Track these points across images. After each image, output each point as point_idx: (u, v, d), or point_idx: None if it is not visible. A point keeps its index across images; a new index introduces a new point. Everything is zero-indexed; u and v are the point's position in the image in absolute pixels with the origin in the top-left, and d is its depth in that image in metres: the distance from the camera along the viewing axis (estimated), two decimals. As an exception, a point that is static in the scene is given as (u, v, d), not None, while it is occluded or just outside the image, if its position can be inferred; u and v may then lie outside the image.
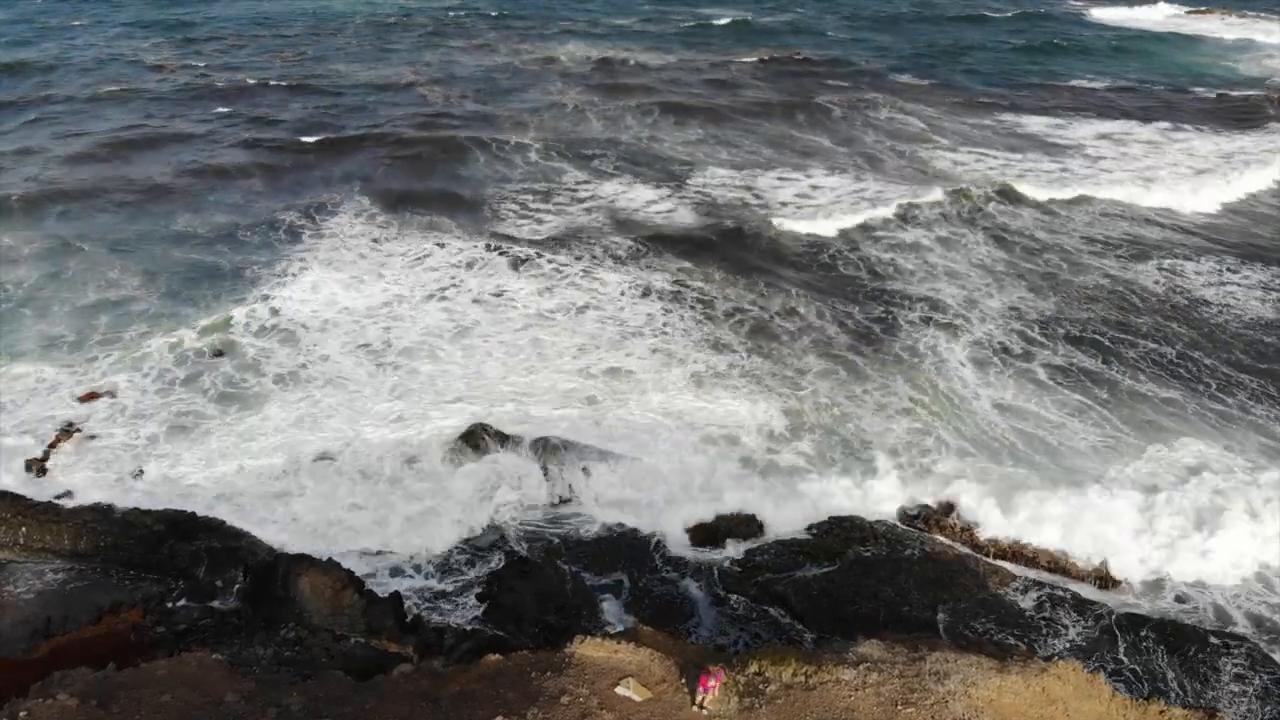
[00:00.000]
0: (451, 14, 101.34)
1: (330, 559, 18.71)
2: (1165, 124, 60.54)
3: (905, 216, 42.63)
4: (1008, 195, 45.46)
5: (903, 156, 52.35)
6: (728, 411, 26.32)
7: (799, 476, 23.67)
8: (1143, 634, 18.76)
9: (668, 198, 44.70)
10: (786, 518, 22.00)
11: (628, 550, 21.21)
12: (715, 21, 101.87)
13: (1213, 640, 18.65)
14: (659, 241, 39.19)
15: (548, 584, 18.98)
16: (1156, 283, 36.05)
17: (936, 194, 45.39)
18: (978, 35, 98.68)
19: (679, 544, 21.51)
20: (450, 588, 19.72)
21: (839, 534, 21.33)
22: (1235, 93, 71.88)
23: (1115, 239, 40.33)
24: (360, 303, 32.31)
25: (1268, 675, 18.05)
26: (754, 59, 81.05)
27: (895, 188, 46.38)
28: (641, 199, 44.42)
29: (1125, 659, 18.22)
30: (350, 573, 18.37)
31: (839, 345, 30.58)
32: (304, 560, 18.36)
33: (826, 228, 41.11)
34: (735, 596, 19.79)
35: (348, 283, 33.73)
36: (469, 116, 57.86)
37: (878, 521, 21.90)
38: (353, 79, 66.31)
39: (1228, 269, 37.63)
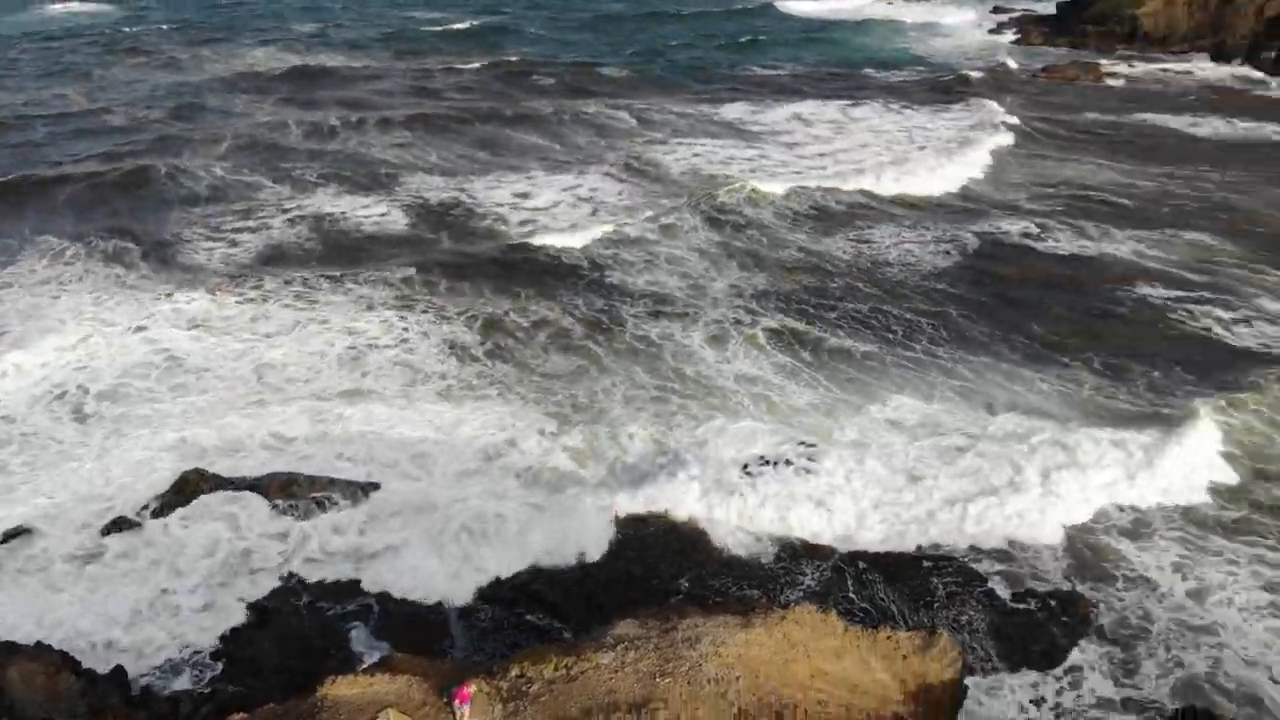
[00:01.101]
0: (127, 30, 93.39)
1: (39, 642, 16.88)
2: (848, 103, 65.96)
3: (624, 209, 43.95)
4: (717, 181, 47.94)
5: (616, 150, 53.88)
6: (484, 423, 26.01)
7: (565, 479, 23.66)
8: (863, 569, 20.50)
9: (379, 204, 43.66)
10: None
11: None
12: (423, 27, 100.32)
13: (925, 564, 20.70)
14: (375, 251, 38.22)
15: (288, 627, 18.02)
16: (844, 250, 39.28)
17: (651, 186, 47.14)
18: (679, 31, 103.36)
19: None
20: (182, 652, 18.23)
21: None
22: (921, 73, 79.80)
23: (805, 213, 43.55)
24: (46, 355, 29.16)
25: (977, 588, 20.22)
26: (463, 63, 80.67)
27: (612, 183, 47.70)
28: (352, 208, 43.13)
29: (854, 595, 19.82)
30: (63, 654, 16.64)
31: (577, 339, 31.04)
32: (7, 649, 16.50)
33: (547, 225, 41.60)
34: (488, 606, 19.62)
35: (27, 335, 30.37)
36: (156, 139, 53.66)
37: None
38: (22, 109, 59.65)
39: (905, 229, 41.65)
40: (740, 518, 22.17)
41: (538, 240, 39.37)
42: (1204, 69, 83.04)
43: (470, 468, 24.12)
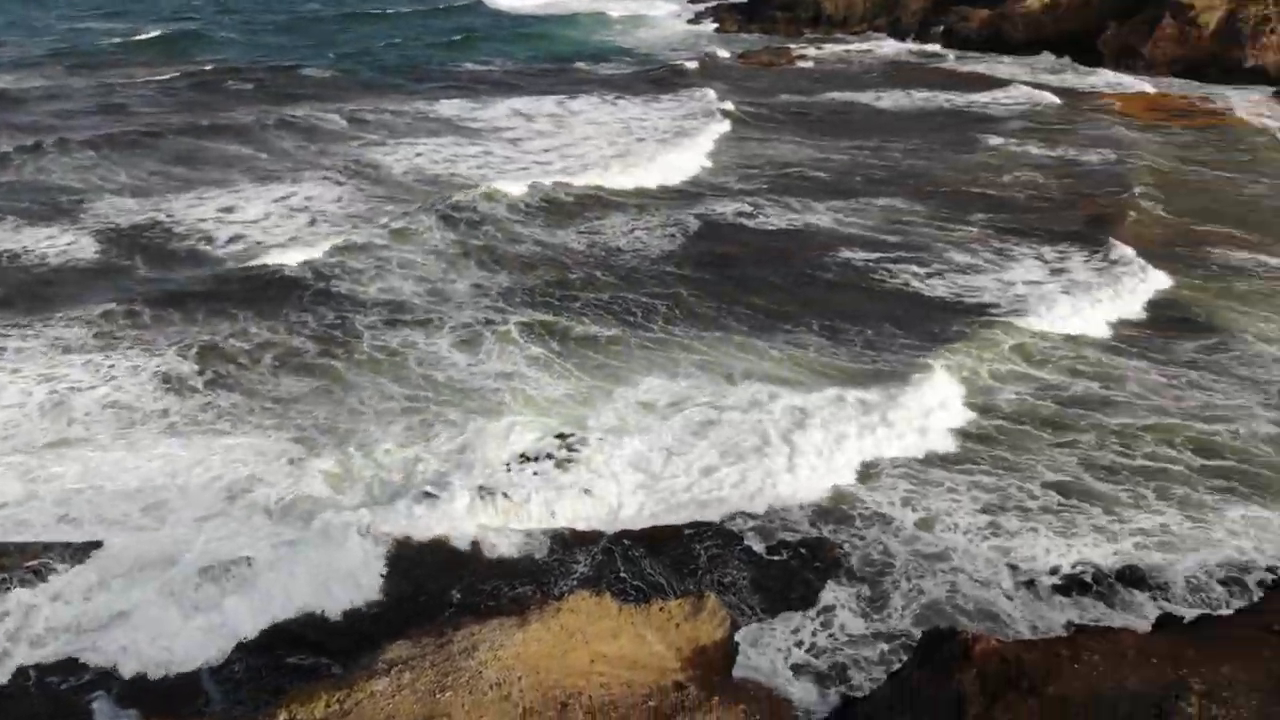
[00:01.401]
0: None
1: None
2: (565, 96, 66.86)
3: (346, 216, 42.27)
4: (443, 181, 47.15)
5: (330, 155, 51.71)
6: (221, 459, 24.04)
7: (320, 507, 22.34)
8: (630, 546, 21.00)
9: (65, 234, 39.55)
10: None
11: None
12: (101, 40, 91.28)
13: (688, 532, 21.48)
14: (66, 288, 34.56)
15: (21, 712, 15.93)
16: (579, 242, 39.94)
17: (374, 189, 45.66)
18: (386, 30, 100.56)
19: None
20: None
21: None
22: (631, 64, 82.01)
23: (538, 207, 43.84)
24: None
25: (736, 547, 21.22)
26: (151, 74, 74.33)
27: (329, 189, 45.76)
28: (34, 242, 38.75)
29: (625, 574, 20.22)
30: None
31: (311, 357, 29.49)
32: None
33: (260, 240, 39.25)
34: (244, 657, 18.22)
35: None
36: None
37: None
38: None
39: (632, 218, 42.88)
40: (508, 518, 22.00)
41: (251, 257, 37.00)
42: (884, 47, 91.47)
43: (211, 510, 22.32)
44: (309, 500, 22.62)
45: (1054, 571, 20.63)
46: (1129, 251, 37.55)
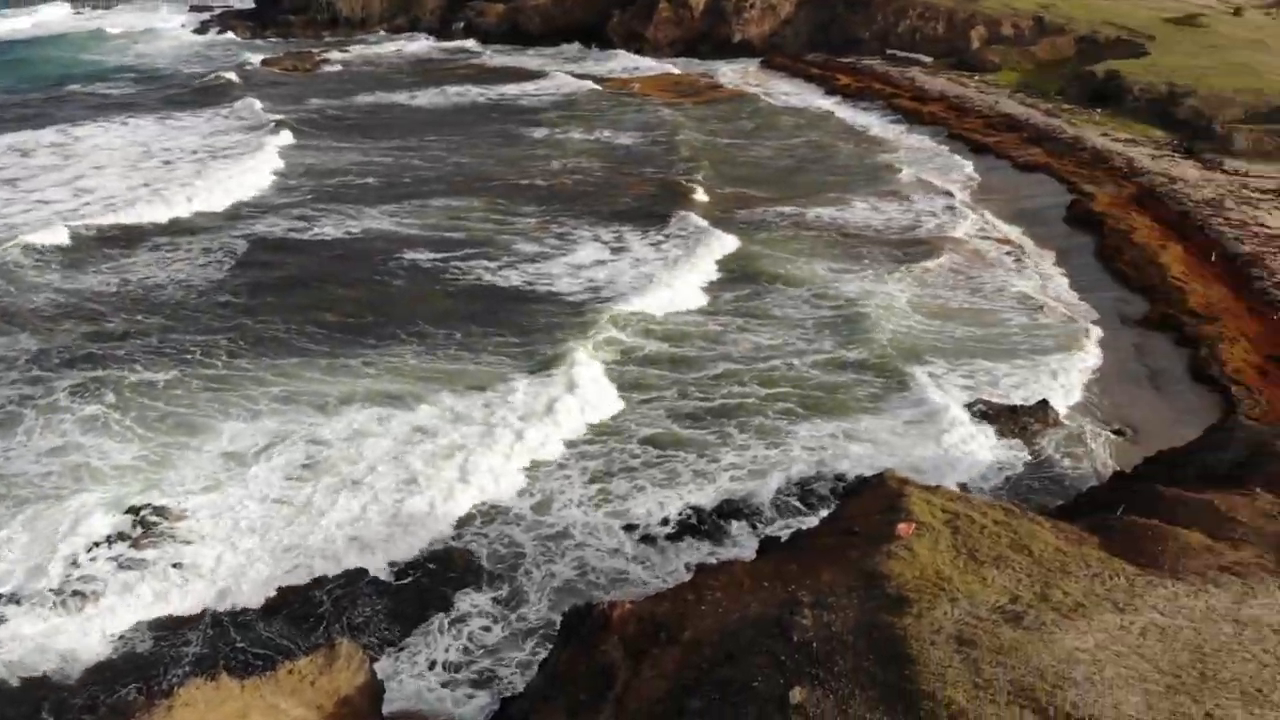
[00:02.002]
0: None
1: None
2: (69, 124, 59.17)
3: None
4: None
5: None
6: None
7: None
8: (241, 613, 19.03)
9: None
10: None
11: None
12: None
13: (305, 583, 19.87)
14: None
15: None
16: (109, 285, 35.45)
17: None
18: None
19: None
20: None
21: None
22: (145, 80, 73.72)
23: (52, 252, 38.12)
24: None
25: (362, 584, 19.97)
26: None
27: None
28: None
29: (242, 644, 18.23)
30: None
31: None
32: None
33: None
34: None
35: None
36: None
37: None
38: None
39: (167, 250, 38.92)
40: (90, 617, 18.85)
41: None
42: (411, 46, 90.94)
43: None
44: None
45: (665, 522, 21.98)
46: (699, 221, 40.95)
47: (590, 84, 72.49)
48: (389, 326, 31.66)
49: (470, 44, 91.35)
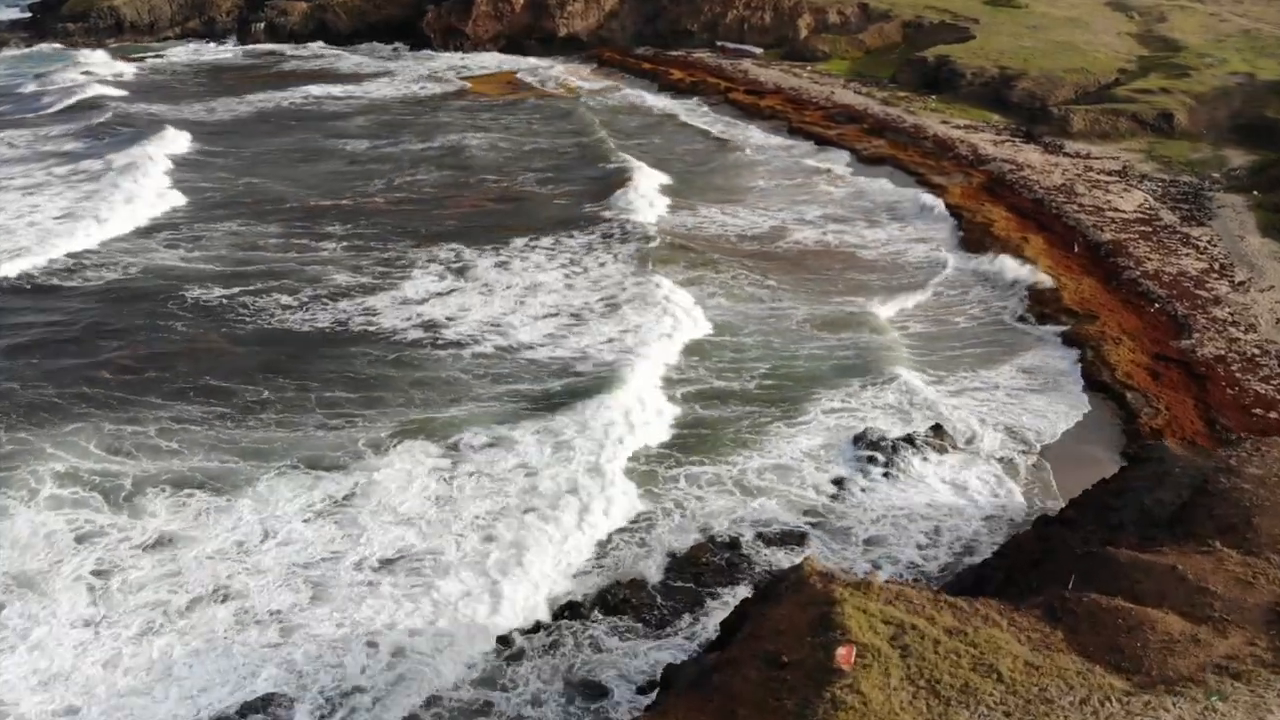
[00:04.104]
0: None
1: None
2: None
3: None
4: None
5: None
6: None
7: None
8: None
9: None
10: None
11: None
12: None
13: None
14: None
15: None
16: None
17: None
18: None
19: None
20: None
21: None
22: None
23: None
24: None
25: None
26: None
27: None
28: None
29: None
30: None
31: None
32: None
33: None
34: None
35: None
36: None
37: None
38: None
39: None
40: None
41: None
42: (208, 51, 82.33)
43: None
44: None
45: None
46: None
47: (407, 88, 67.22)
48: (176, 382, 26.58)
49: (275, 47, 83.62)
